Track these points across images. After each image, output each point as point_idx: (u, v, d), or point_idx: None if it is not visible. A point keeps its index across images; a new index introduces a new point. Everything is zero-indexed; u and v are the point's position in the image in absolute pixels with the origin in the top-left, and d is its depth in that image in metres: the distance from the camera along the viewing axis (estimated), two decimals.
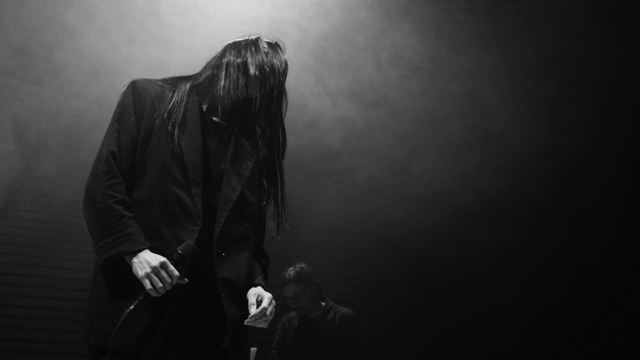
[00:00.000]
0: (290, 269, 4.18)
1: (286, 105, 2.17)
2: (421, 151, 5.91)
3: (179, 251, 1.89)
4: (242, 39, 2.20)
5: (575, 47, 5.34)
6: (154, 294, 1.86)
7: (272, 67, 2.12)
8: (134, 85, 2.08)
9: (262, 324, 1.99)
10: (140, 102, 2.04)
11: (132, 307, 1.84)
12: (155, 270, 1.85)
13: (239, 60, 2.12)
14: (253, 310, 1.96)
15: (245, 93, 2.09)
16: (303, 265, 4.22)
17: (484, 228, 6.54)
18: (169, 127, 2.02)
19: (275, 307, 2.05)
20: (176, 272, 1.87)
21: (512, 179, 5.70)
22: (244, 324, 1.96)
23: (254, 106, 2.09)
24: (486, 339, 6.06)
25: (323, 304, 4.18)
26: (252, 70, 2.10)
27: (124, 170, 1.99)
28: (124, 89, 2.08)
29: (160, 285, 1.85)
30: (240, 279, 2.02)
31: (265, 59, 2.13)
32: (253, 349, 3.56)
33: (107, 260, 1.90)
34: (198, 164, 2.01)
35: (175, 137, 2.00)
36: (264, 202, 2.17)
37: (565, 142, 5.53)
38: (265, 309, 1.97)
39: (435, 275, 6.29)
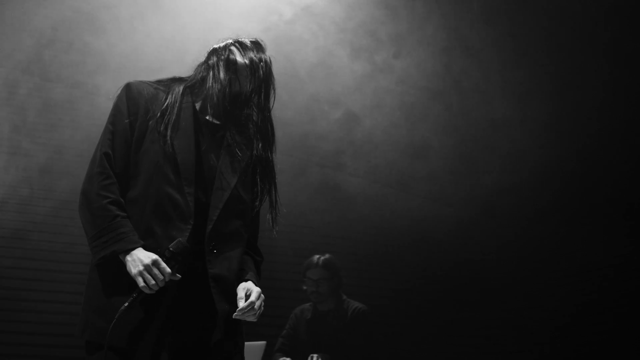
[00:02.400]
0: (319, 255, 4.26)
1: (274, 98, 2.22)
2: (427, 148, 5.92)
3: (171, 248, 1.94)
4: (223, 42, 2.25)
5: (576, 45, 5.35)
6: (147, 291, 1.91)
7: (260, 59, 2.18)
8: (128, 88, 2.13)
9: (251, 318, 2.03)
10: (134, 105, 2.09)
11: (126, 304, 1.89)
12: (147, 267, 1.90)
13: (225, 58, 2.17)
14: (241, 304, 2.00)
15: (235, 89, 2.14)
16: (332, 256, 4.30)
17: (485, 227, 6.55)
18: (162, 128, 2.06)
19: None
20: (168, 269, 1.92)
21: (512, 178, 5.72)
22: (233, 317, 2.00)
23: (245, 100, 2.15)
24: (486, 339, 6.07)
25: (337, 297, 4.23)
26: (240, 65, 2.16)
27: (118, 171, 2.04)
28: (119, 91, 2.13)
29: (153, 282, 1.90)
30: (231, 275, 2.07)
31: (252, 54, 2.19)
32: (262, 343, 3.61)
33: (102, 259, 1.95)
34: (191, 163, 2.05)
35: (168, 137, 2.05)
36: (257, 202, 2.21)
37: (566, 141, 5.55)
38: (253, 302, 2.01)
39: (433, 273, 6.31)
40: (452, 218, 6.39)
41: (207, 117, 2.17)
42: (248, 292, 2.04)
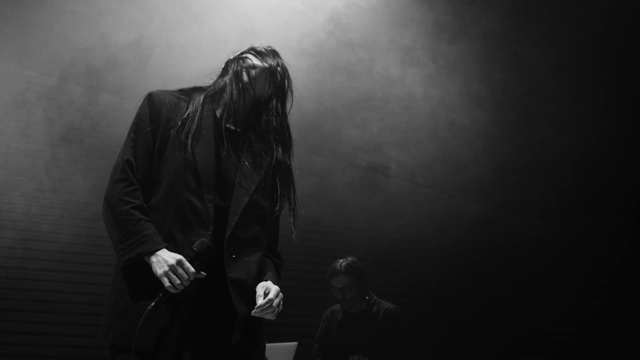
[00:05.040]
0: (342, 261, 4.23)
1: (291, 103, 2.28)
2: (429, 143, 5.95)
3: (195, 248, 2.00)
4: (239, 51, 2.31)
5: (578, 43, 5.37)
6: (172, 290, 1.97)
7: (277, 64, 2.25)
8: (150, 97, 2.19)
9: (269, 316, 2.06)
10: (156, 114, 2.15)
11: (153, 304, 1.95)
12: (172, 268, 1.96)
13: (243, 65, 2.23)
14: (260, 301, 2.04)
15: (254, 94, 2.21)
16: (354, 259, 4.27)
17: (490, 225, 6.55)
18: (183, 137, 2.12)
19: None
20: (192, 269, 1.98)
21: (517, 177, 5.74)
22: (251, 314, 2.05)
23: (264, 104, 2.21)
24: (500, 337, 6.07)
25: (367, 297, 4.23)
26: (258, 71, 2.22)
27: (140, 178, 2.10)
28: (141, 100, 2.19)
29: (178, 282, 1.96)
30: (250, 278, 2.11)
31: (269, 59, 2.25)
32: (293, 344, 3.62)
33: (129, 261, 2.01)
34: (211, 170, 2.11)
35: (189, 145, 2.10)
36: (277, 207, 2.25)
37: (569, 140, 5.57)
38: (271, 300, 2.04)
39: (439, 273, 6.32)
40: (472, 215, 6.38)
41: (228, 125, 2.22)
42: (267, 290, 2.08)
